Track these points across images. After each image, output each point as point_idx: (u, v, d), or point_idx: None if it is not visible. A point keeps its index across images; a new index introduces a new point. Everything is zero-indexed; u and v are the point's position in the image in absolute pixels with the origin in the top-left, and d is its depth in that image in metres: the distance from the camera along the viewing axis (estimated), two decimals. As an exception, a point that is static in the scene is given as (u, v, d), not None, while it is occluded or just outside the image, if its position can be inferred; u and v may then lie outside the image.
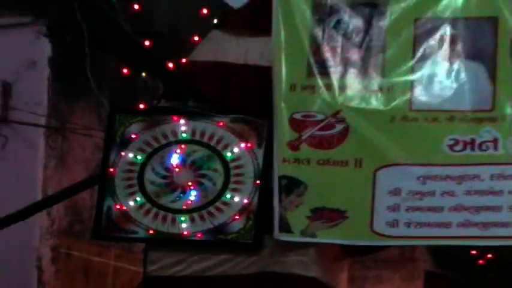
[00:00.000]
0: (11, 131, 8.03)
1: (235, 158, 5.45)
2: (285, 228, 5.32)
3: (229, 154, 5.47)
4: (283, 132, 5.39)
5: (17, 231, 7.21)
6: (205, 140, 5.43)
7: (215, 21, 6.16)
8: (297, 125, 5.37)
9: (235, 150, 5.47)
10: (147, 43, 6.42)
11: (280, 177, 5.35)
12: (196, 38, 6.02)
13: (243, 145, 5.51)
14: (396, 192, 5.23)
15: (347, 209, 5.30)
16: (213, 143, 5.41)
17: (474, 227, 5.30)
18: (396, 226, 5.27)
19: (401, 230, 5.31)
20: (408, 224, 5.25)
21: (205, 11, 6.66)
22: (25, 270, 7.99)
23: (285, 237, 5.34)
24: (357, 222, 5.35)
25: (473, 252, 10.92)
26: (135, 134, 5.55)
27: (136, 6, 6.68)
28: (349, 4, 5.53)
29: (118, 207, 5.43)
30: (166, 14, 7.79)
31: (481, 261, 11.64)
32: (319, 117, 5.32)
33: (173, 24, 7.61)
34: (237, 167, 5.42)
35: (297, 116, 5.36)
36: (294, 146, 5.37)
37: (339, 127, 5.29)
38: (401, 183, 5.26)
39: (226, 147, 5.45)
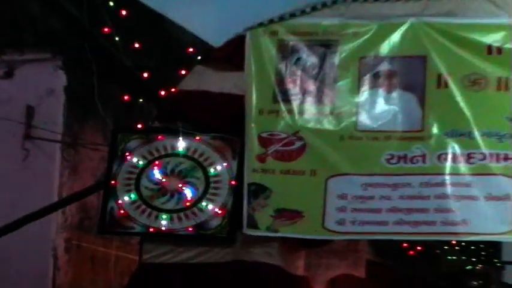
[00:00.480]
0: (33, 145, 8.23)
1: (214, 169, 5.79)
2: (253, 225, 5.66)
3: (210, 168, 5.82)
4: (253, 148, 5.71)
5: (37, 226, 7.41)
6: (189, 153, 5.78)
7: (199, 58, 6.50)
8: (264, 142, 5.70)
9: (215, 162, 5.78)
10: (144, 75, 6.79)
11: (250, 184, 5.69)
12: (183, 72, 6.30)
13: (224, 162, 5.85)
14: (343, 196, 5.60)
15: (303, 209, 5.64)
16: (196, 156, 5.76)
17: (406, 225, 5.72)
18: (343, 224, 5.65)
19: (347, 227, 5.69)
20: (353, 222, 5.63)
21: (191, 49, 7.19)
22: (43, 258, 8.12)
23: (253, 232, 5.67)
24: (312, 221, 5.66)
25: (405, 245, 11.21)
26: (133, 148, 5.91)
27: (136, 45, 6.96)
28: (307, 45, 5.84)
29: (119, 207, 5.77)
30: (160, 52, 7.83)
31: (411, 252, 11.86)
32: (282, 135, 5.68)
33: (165, 60, 7.68)
34: (214, 176, 5.75)
35: (264, 135, 5.69)
36: (261, 158, 5.72)
37: (298, 144, 5.67)
38: (347, 189, 5.62)
39: (206, 159, 5.77)
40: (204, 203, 5.67)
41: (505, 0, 5.82)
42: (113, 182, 5.87)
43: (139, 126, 6.10)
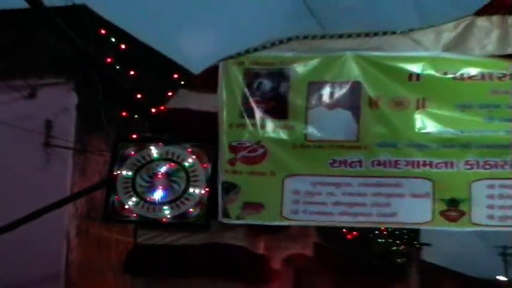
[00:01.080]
0: (51, 152, 8.54)
1: (194, 170, 6.08)
2: (226, 215, 5.96)
3: (191, 169, 6.10)
4: (225, 154, 6.01)
5: (54, 216, 7.70)
6: (174, 158, 6.07)
7: (182, 82, 7.01)
8: (233, 149, 6.02)
9: (195, 165, 6.09)
10: (138, 96, 7.20)
11: (223, 182, 5.99)
12: (170, 93, 6.82)
13: (202, 164, 6.14)
14: (297, 192, 5.93)
15: (265, 202, 5.96)
16: (179, 160, 6.05)
17: (347, 215, 6.12)
18: (297, 213, 6.01)
19: (300, 216, 6.05)
20: (305, 212, 5.99)
21: (176, 76, 7.59)
22: (59, 240, 8.46)
23: (226, 220, 5.97)
24: (272, 211, 6.00)
25: (345, 230, 11.64)
26: (130, 153, 6.20)
27: (132, 72, 7.60)
28: (267, 72, 6.17)
29: (116, 201, 6.10)
30: (151, 78, 8.03)
31: (349, 237, 12.15)
32: (247, 144, 6.02)
33: (155, 84, 7.80)
34: (194, 176, 6.04)
35: (233, 144, 6.03)
36: (232, 162, 6.02)
37: (260, 151, 5.98)
38: (300, 186, 5.97)
39: (188, 163, 6.07)
40: (185, 198, 5.94)
41: (421, 38, 6.12)
42: (113, 181, 6.19)
43: (134, 136, 6.46)
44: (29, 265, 8.29)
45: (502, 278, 32.97)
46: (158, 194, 5.96)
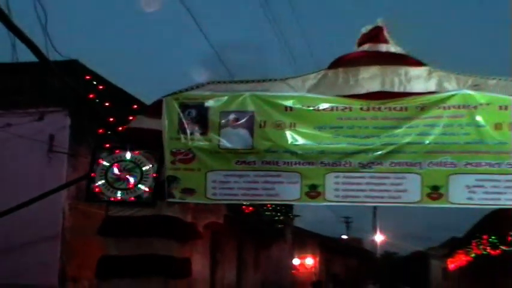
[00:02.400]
0: (53, 155, 8.94)
1: (146, 167, 6.99)
2: (170, 196, 6.89)
3: (143, 167, 6.97)
4: (168, 157, 6.97)
5: (54, 197, 8.14)
6: (133, 160, 6.98)
7: (139, 110, 7.87)
8: (173, 154, 6.98)
9: (146, 164, 7.00)
10: (110, 119, 7.82)
11: (167, 176, 6.93)
12: (131, 118, 7.60)
13: (150, 164, 7.02)
14: (214, 181, 6.90)
15: (195, 188, 6.94)
16: (136, 161, 6.97)
17: (246, 196, 7.37)
18: (215, 195, 7.00)
19: (217, 197, 7.05)
20: (220, 194, 7.03)
21: (135, 106, 8.27)
22: (57, 213, 8.81)
23: (171, 200, 6.92)
24: (200, 194, 6.96)
25: (244, 206, 12.13)
26: (104, 157, 7.03)
27: (106, 104, 8.07)
28: (193, 104, 7.11)
29: (96, 188, 6.94)
30: (120, 107, 8.27)
31: (247, 210, 12.67)
32: (182, 151, 6.98)
33: (122, 111, 8.08)
34: (146, 171, 6.95)
35: (173, 150, 6.97)
36: (173, 162, 6.96)
37: (190, 155, 6.98)
38: (216, 177, 6.95)
39: (142, 162, 7.00)
40: (140, 185, 6.88)
41: (293, 83, 7.09)
42: (92, 174, 7.05)
43: (107, 145, 7.25)
44: (37, 230, 8.66)
45: (344, 236, 39.08)
46: (122, 183, 6.89)
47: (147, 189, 6.90)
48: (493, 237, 13.62)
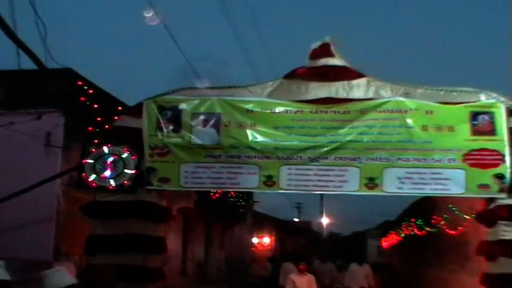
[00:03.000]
0: (50, 149, 8.91)
1: (128, 160, 7.17)
2: (149, 184, 7.10)
3: (126, 159, 7.16)
4: (147, 151, 7.17)
5: (50, 185, 8.20)
6: (117, 153, 7.16)
7: (124, 111, 7.89)
8: (152, 149, 7.19)
9: (129, 157, 7.18)
10: (98, 119, 7.74)
11: (147, 167, 7.13)
12: (116, 118, 7.59)
13: (132, 157, 7.19)
14: (186, 172, 7.14)
15: (171, 177, 7.14)
16: (120, 154, 7.14)
17: (214, 184, 7.53)
18: (187, 184, 7.24)
19: (188, 185, 7.30)
20: (192, 182, 7.25)
21: (120, 108, 8.25)
22: (52, 198, 8.81)
23: (150, 187, 7.13)
24: (174, 183, 7.17)
25: (211, 193, 12.10)
26: (92, 150, 7.23)
27: (95, 106, 8.07)
28: (169, 107, 7.33)
29: (85, 177, 7.15)
30: (107, 109, 8.15)
31: (213, 196, 12.53)
32: (159, 146, 7.21)
33: (109, 112, 7.98)
34: (128, 163, 7.13)
35: (152, 146, 7.18)
36: (151, 155, 7.16)
37: (166, 150, 7.20)
38: (188, 169, 7.18)
39: (125, 155, 7.16)
40: (122, 175, 7.09)
41: (253, 90, 7.49)
42: (83, 162, 7.21)
43: (96, 141, 7.40)
44: (35, 212, 8.65)
45: (296, 219, 40.10)
46: (107, 173, 7.13)
47: (128, 178, 7.15)
48: (419, 221, 13.98)
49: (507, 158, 6.89)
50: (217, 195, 12.69)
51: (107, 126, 7.56)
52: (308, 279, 10.47)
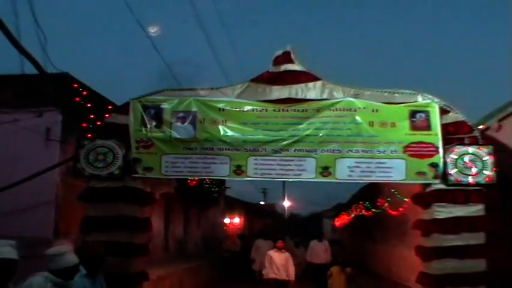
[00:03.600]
0: (49, 142, 8.72)
1: (117, 151, 7.35)
2: (135, 172, 7.33)
3: (115, 151, 7.33)
4: (133, 144, 7.37)
5: (50, 173, 8.29)
6: (107, 146, 7.35)
7: (113, 110, 7.89)
8: (137, 142, 7.40)
9: (117, 149, 7.37)
10: (91, 116, 7.81)
11: (133, 158, 7.34)
12: (107, 115, 7.68)
13: (120, 149, 7.35)
14: (167, 162, 7.35)
15: (154, 167, 7.34)
16: (110, 147, 7.33)
17: (191, 173, 7.74)
18: (167, 172, 7.43)
19: (169, 173, 7.48)
20: (172, 171, 7.44)
21: (110, 107, 8.06)
22: (52, 185, 8.69)
23: (136, 175, 7.35)
24: (157, 171, 7.36)
25: (189, 180, 11.98)
26: (86, 143, 7.38)
27: (89, 105, 7.97)
28: (153, 106, 7.53)
29: (80, 166, 7.35)
30: (98, 108, 8.11)
31: (191, 183, 12.54)
32: (144, 139, 7.42)
33: (100, 110, 7.96)
34: (117, 154, 7.32)
35: (137, 139, 7.40)
36: (137, 148, 7.38)
37: (150, 143, 7.41)
38: (168, 159, 7.39)
39: (114, 149, 7.36)
40: (112, 165, 7.30)
41: (225, 91, 7.70)
42: (78, 157, 7.37)
43: (89, 135, 7.52)
44: (37, 197, 8.59)
45: (262, 202, 41.03)
46: (99, 163, 7.32)
47: (117, 167, 7.38)
48: (366, 203, 14.26)
49: (440, 150, 7.28)
50: (194, 182, 12.70)
51: (98, 123, 7.67)
52: (285, 257, 10.61)
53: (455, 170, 7.21)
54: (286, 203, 41.57)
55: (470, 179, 7.17)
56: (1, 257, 3.69)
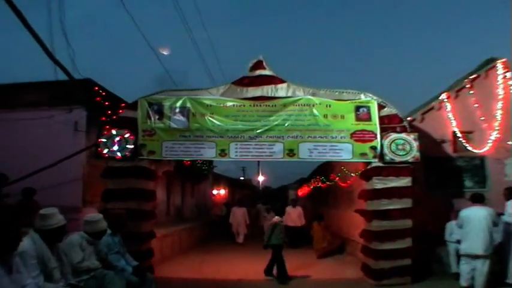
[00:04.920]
0: (77, 133, 8.89)
1: (128, 139, 7.60)
2: (141, 155, 7.62)
3: (127, 138, 7.52)
4: (140, 133, 7.69)
5: (78, 157, 8.55)
6: (121, 134, 7.50)
7: (125, 106, 8.07)
8: (143, 131, 7.70)
9: (129, 137, 7.61)
10: (109, 112, 7.98)
11: (140, 144, 7.66)
12: (120, 111, 7.83)
13: (131, 137, 7.58)
14: (166, 147, 7.64)
15: (156, 151, 7.59)
16: (123, 135, 7.51)
17: (185, 155, 7.98)
18: (167, 154, 7.71)
19: (168, 155, 7.76)
20: (170, 154, 7.68)
21: (123, 104, 8.18)
22: (79, 165, 8.80)
23: (141, 157, 7.61)
24: (158, 154, 7.63)
25: (185, 161, 11.75)
26: (105, 133, 7.61)
27: (106, 103, 8.23)
28: (156, 103, 7.82)
29: (101, 150, 7.64)
30: (113, 104, 8.22)
31: (186, 163, 12.52)
32: (148, 129, 7.72)
33: (115, 107, 8.09)
34: (128, 141, 7.57)
35: (143, 129, 7.70)
36: (143, 135, 7.68)
37: (153, 132, 7.71)
38: (168, 145, 7.68)
39: (125, 137, 7.56)
40: (125, 149, 7.57)
41: (211, 91, 8.00)
42: (99, 142, 7.71)
43: (107, 127, 7.74)
44: (69, 175, 8.71)
45: (241, 177, 42.54)
46: (115, 148, 7.68)
47: (129, 151, 7.73)
48: (322, 177, 14.63)
49: (378, 136, 7.90)
50: (188, 162, 12.87)
51: (114, 117, 7.98)
52: (298, 211, 12.88)
53: (390, 151, 7.81)
54: (261, 178, 43.98)
55: (401, 158, 7.77)
56: (61, 224, 4.10)
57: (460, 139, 9.15)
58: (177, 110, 7.85)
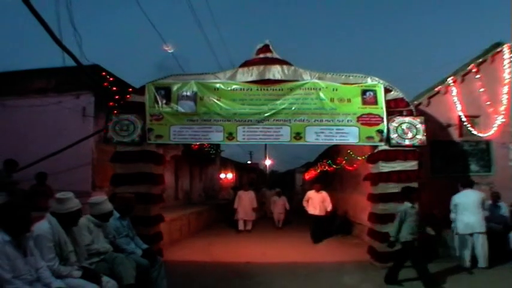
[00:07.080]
0: (85, 118, 9.02)
1: (136, 123, 7.48)
2: (149, 140, 7.53)
3: (135, 123, 7.45)
4: (148, 117, 7.59)
5: (87, 141, 8.60)
6: (129, 119, 7.44)
7: (132, 91, 7.99)
8: (151, 116, 7.58)
9: (137, 121, 7.50)
10: (116, 97, 7.97)
11: (148, 128, 7.55)
12: (128, 96, 7.73)
13: (139, 121, 7.47)
14: (175, 131, 7.54)
15: (164, 135, 7.50)
16: (131, 120, 7.42)
17: (193, 139, 7.88)
18: (175, 138, 7.61)
19: (176, 139, 7.69)
20: (178, 138, 7.62)
21: (130, 89, 8.17)
22: (88, 150, 8.93)
23: (149, 142, 7.53)
24: (166, 138, 7.55)
25: (192, 145, 12.23)
26: (113, 118, 7.49)
27: (114, 88, 8.15)
28: (163, 87, 7.66)
29: (109, 135, 7.54)
30: (122, 90, 8.20)
31: (194, 147, 12.79)
32: (156, 114, 7.61)
33: (123, 92, 8.15)
34: (137, 125, 7.48)
35: (151, 113, 7.59)
36: (150, 120, 7.58)
37: (161, 116, 7.60)
38: (176, 129, 7.56)
39: (134, 122, 7.53)
40: (134, 133, 7.54)
41: (219, 75, 7.83)
42: (106, 127, 7.65)
43: (115, 112, 7.67)
44: (78, 160, 8.82)
45: (249, 162, 42.30)
46: (123, 132, 7.60)
47: (137, 135, 7.65)
48: (329, 161, 14.47)
49: (385, 120, 7.75)
50: (196, 146, 12.88)
51: (122, 102, 7.90)
52: (322, 196, 11.05)
53: (396, 135, 7.68)
54: (268, 162, 43.63)
55: (407, 142, 7.65)
56: (78, 208, 4.10)
57: (466, 123, 9.05)
58: (185, 94, 7.71)
